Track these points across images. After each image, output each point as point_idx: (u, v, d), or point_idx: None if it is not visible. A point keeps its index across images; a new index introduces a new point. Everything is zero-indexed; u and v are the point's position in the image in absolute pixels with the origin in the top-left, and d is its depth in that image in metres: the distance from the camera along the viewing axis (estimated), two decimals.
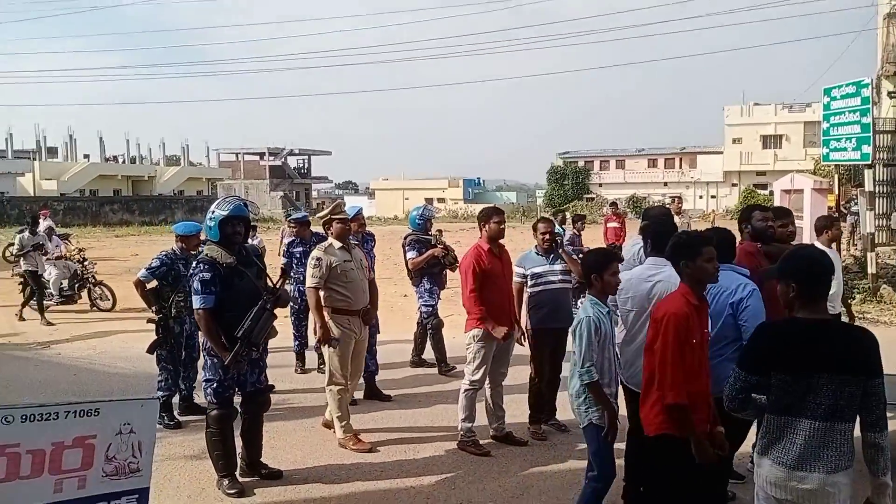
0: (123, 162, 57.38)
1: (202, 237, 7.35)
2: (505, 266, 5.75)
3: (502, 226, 5.73)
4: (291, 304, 7.94)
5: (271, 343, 5.17)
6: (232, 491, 4.85)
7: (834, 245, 6.65)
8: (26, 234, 11.79)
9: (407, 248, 7.95)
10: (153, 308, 6.61)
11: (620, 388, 4.35)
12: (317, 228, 7.96)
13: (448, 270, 8.38)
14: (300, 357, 8.21)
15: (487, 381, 5.74)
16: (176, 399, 6.62)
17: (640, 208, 45.13)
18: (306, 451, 5.70)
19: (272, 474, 5.15)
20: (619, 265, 4.26)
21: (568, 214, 14.36)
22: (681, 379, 3.41)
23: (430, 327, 8.05)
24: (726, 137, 57.63)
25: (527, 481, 5.09)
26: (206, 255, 4.88)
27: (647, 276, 4.29)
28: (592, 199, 56.47)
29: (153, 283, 6.63)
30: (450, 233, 25.48)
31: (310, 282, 5.74)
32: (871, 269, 12.92)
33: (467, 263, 5.62)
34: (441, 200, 65.20)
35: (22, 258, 11.66)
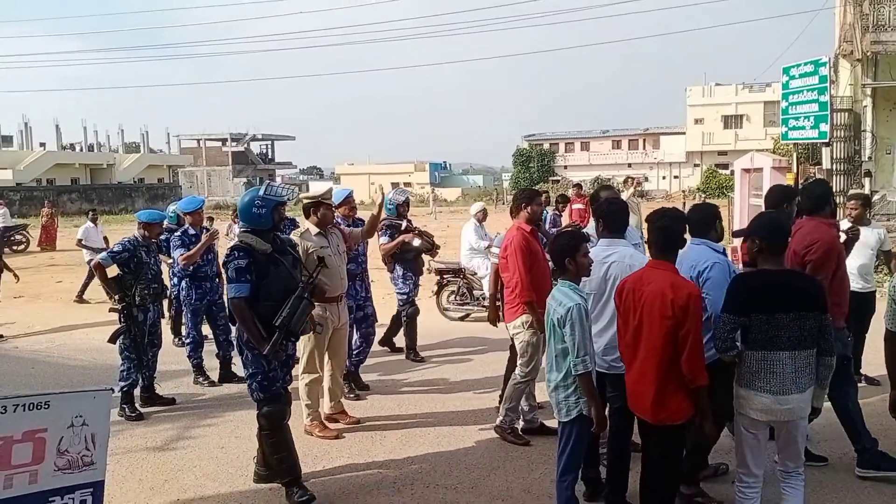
0: (81, 150, 56.10)
1: (190, 220, 7.33)
2: (541, 247, 5.50)
3: (543, 207, 5.85)
4: None
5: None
6: (303, 498, 4.51)
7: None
8: None
9: (379, 233, 7.53)
10: (114, 297, 6.46)
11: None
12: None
13: (427, 256, 8.13)
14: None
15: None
16: (137, 391, 6.49)
17: None
18: None
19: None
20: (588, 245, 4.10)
21: (552, 194, 14.27)
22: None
23: (405, 315, 7.86)
24: (688, 118, 58.23)
25: (493, 462, 5.10)
26: (241, 241, 4.61)
27: (602, 258, 4.22)
28: (558, 181, 56.72)
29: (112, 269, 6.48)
30: (416, 217, 25.37)
31: None
32: None
33: (517, 245, 5.26)
34: (407, 184, 64.96)
35: None
